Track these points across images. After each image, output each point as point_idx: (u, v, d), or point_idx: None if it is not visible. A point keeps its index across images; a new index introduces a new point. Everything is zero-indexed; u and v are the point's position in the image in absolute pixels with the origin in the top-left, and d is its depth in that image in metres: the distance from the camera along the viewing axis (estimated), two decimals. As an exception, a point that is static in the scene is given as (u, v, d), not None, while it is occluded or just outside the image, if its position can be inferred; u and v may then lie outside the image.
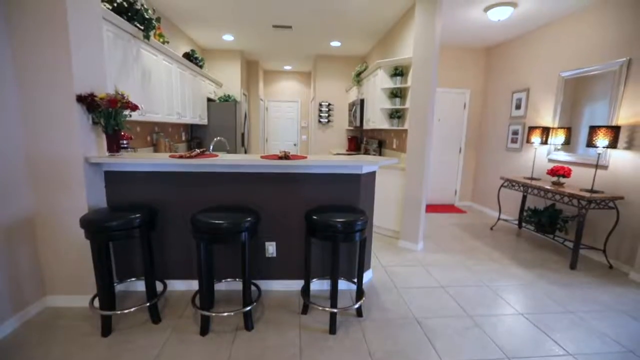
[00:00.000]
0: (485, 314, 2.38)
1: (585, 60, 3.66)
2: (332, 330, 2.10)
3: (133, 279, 2.52)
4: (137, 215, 2.00)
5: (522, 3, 3.61)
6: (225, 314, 2.19)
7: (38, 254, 2.22)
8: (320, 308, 2.24)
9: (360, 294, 2.32)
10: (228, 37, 5.52)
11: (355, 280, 2.45)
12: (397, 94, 4.23)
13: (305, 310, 2.33)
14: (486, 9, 3.79)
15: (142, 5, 3.07)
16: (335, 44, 5.79)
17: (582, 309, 2.46)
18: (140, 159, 2.27)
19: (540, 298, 2.62)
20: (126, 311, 2.16)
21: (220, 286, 2.58)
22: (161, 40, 3.80)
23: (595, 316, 2.37)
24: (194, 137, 5.69)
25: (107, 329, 2.01)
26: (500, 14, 3.74)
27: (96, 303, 2.06)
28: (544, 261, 3.39)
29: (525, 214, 4.22)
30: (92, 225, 1.88)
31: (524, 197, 4.34)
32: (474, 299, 2.59)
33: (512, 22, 4.21)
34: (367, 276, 2.85)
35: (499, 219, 4.62)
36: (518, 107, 4.77)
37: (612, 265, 3.25)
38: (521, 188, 4.04)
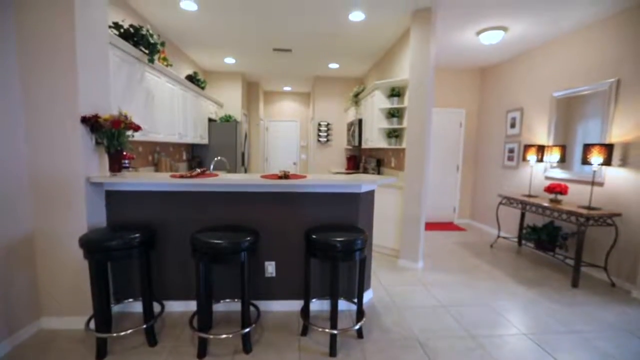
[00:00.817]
0: (488, 334, 2.34)
1: (575, 81, 3.78)
2: (333, 352, 2.05)
3: (130, 300, 2.49)
4: (137, 234, 2.00)
5: (512, 27, 3.77)
6: (224, 336, 2.15)
7: (35, 274, 2.20)
8: (320, 329, 2.20)
9: (360, 314, 2.29)
10: (230, 60, 5.69)
11: (356, 300, 2.42)
12: (394, 114, 4.32)
13: (305, 331, 2.29)
14: (478, 33, 3.94)
15: (147, 30, 3.19)
16: (333, 65, 5.97)
17: (586, 329, 2.42)
18: (141, 179, 2.30)
19: (543, 317, 2.58)
20: (122, 333, 2.13)
21: (219, 307, 2.54)
22: (165, 63, 3.92)
23: (599, 336, 2.33)
24: (195, 157, 5.75)
25: (102, 352, 1.97)
26: (492, 38, 3.89)
27: (92, 325, 2.02)
28: (546, 279, 3.36)
29: (524, 231, 4.22)
30: (92, 244, 1.88)
31: (523, 215, 4.36)
32: (476, 318, 2.55)
33: (504, 45, 4.37)
34: (367, 296, 2.82)
35: (498, 236, 4.61)
36: (513, 125, 4.86)
37: (614, 283, 3.22)
38: (519, 205, 4.06)
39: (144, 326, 2.07)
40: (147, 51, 3.23)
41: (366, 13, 3.58)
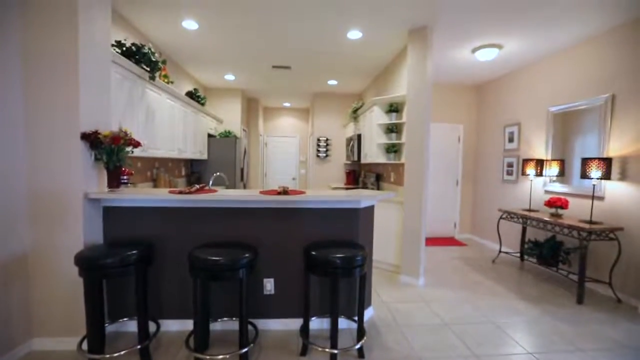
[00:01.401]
0: (492, 353, 2.28)
1: (571, 96, 3.83)
2: (333, 373, 1.99)
3: (125, 319, 2.42)
4: (134, 251, 1.97)
5: (507, 45, 3.85)
6: (221, 356, 2.08)
7: (29, 293, 2.15)
8: (320, 349, 2.14)
9: (361, 333, 2.23)
10: (230, 77, 5.78)
11: (356, 318, 2.37)
12: (392, 129, 4.36)
13: (304, 351, 2.22)
14: (474, 50, 4.03)
15: (149, 49, 3.25)
16: (332, 82, 6.06)
17: (593, 347, 2.36)
18: (139, 195, 2.28)
19: (548, 335, 2.52)
20: (116, 355, 2.06)
21: (216, 326, 2.48)
22: (166, 80, 3.97)
23: (606, 354, 2.27)
24: (194, 172, 5.75)
25: (94, 374, 1.90)
26: (487, 55, 3.97)
27: (85, 345, 1.96)
28: (549, 295, 3.30)
29: (526, 246, 4.17)
30: (87, 262, 1.85)
31: (524, 229, 4.32)
32: (479, 336, 2.49)
33: (500, 62, 4.46)
34: (367, 313, 2.75)
35: (500, 251, 4.56)
36: (511, 140, 4.90)
37: (620, 299, 3.16)
38: (520, 220, 4.03)
39: (139, 346, 2.02)
40: (148, 69, 3.28)
41: (364, 32, 3.66)
